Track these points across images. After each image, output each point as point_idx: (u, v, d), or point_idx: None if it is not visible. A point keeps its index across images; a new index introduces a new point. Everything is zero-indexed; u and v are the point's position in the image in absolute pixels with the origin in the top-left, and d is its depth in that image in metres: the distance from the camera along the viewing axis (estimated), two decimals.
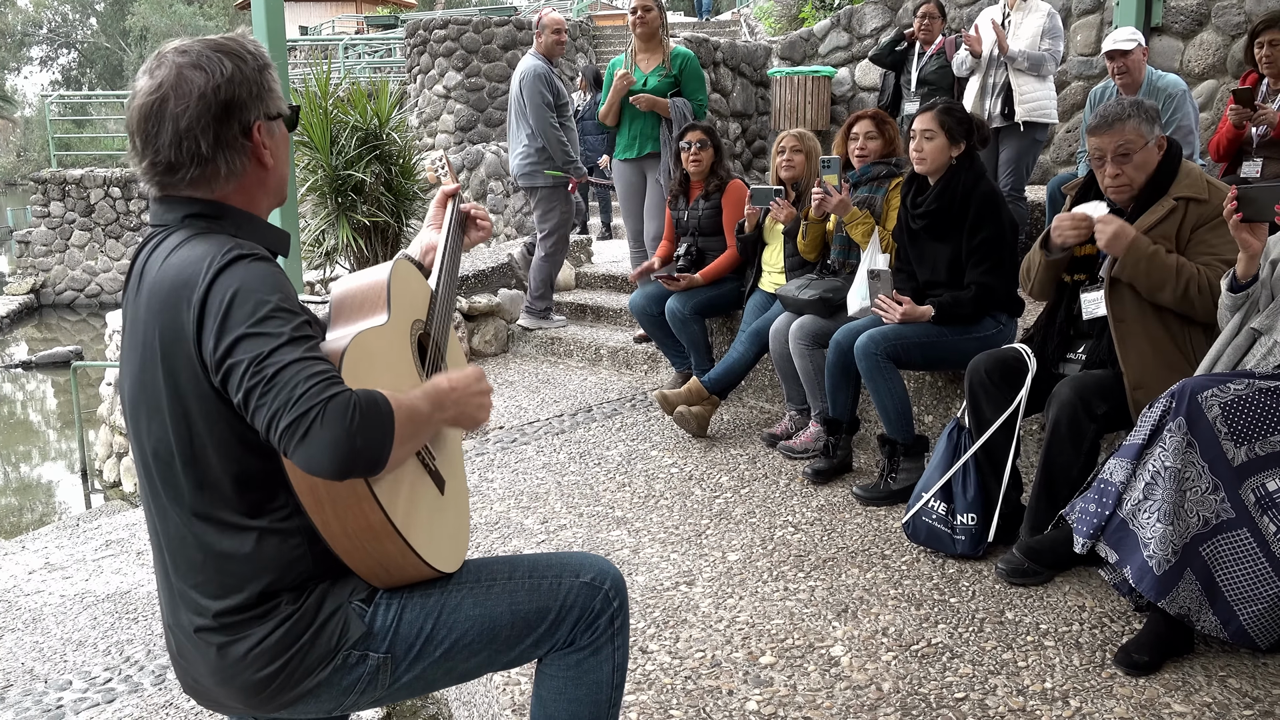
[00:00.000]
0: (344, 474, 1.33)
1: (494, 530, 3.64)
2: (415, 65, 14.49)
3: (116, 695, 2.86)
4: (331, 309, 1.61)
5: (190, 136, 1.46)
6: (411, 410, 1.42)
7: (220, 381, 1.37)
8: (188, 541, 1.48)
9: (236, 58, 1.50)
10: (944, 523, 3.15)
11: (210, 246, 1.43)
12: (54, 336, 14.23)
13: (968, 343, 3.52)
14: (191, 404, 1.43)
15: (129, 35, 34.52)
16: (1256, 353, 2.55)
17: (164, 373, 1.43)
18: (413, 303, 1.71)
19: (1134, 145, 2.91)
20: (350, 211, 6.44)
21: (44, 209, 15.62)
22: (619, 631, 1.71)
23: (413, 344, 1.67)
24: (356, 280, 1.65)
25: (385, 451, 1.35)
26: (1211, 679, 2.43)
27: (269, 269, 1.43)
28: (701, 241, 4.90)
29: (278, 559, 1.47)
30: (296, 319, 1.38)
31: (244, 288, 1.37)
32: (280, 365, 1.32)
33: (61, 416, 10.55)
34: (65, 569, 3.85)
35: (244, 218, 1.53)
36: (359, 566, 1.50)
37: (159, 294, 1.43)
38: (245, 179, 1.53)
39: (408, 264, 1.74)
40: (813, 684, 2.51)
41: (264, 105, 1.52)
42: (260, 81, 1.52)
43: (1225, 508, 2.34)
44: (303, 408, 1.29)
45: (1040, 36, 5.17)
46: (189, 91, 1.45)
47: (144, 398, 1.47)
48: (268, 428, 1.32)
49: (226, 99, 1.47)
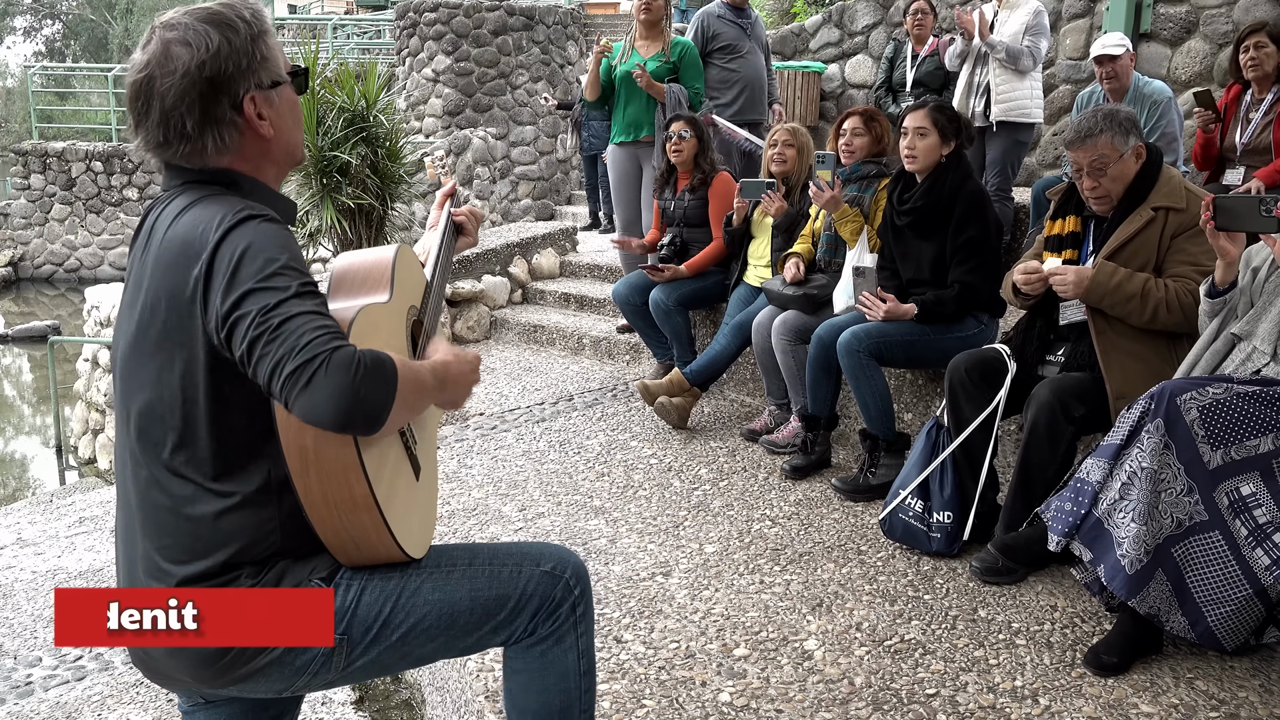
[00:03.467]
0: (344, 425, 1.32)
1: (472, 516, 3.63)
2: (404, 48, 14.39)
3: (87, 673, 2.84)
4: (332, 281, 1.60)
5: (176, 115, 1.45)
6: (417, 377, 1.43)
7: (225, 335, 1.36)
8: (161, 503, 1.47)
9: (227, 28, 1.47)
10: (920, 520, 3.17)
11: (221, 207, 1.43)
12: (31, 311, 14.08)
13: (949, 342, 3.53)
14: (189, 361, 1.42)
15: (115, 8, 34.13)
16: (1235, 358, 2.58)
17: (165, 328, 1.43)
18: (411, 288, 1.72)
19: (1108, 158, 2.93)
20: (335, 193, 6.39)
21: (24, 181, 15.43)
22: (581, 619, 1.71)
23: (407, 329, 1.68)
24: (361, 256, 1.65)
25: (386, 409, 1.35)
26: (1179, 680, 2.45)
27: (279, 229, 1.44)
28: (686, 233, 4.89)
29: (248, 529, 1.46)
30: (304, 276, 1.39)
31: (254, 245, 1.37)
32: (287, 316, 1.32)
33: (37, 392, 10.45)
34: (38, 545, 3.82)
35: (249, 184, 1.53)
36: (330, 538, 1.49)
37: (168, 251, 1.43)
38: (243, 151, 1.51)
39: (410, 250, 1.75)
40: (785, 677, 2.52)
41: (256, 76, 1.50)
42: (252, 51, 1.49)
43: (1199, 510, 2.37)
44: (308, 354, 1.29)
45: (1024, 33, 5.18)
46: (174, 69, 1.44)
47: (139, 353, 1.46)
48: (271, 375, 1.31)
49: (212, 75, 1.45)
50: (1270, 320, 2.53)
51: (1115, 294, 2.88)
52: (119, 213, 15.40)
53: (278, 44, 1.56)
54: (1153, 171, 2.98)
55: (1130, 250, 2.95)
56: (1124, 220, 2.98)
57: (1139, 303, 2.86)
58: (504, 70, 14.03)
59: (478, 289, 6.50)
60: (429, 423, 1.80)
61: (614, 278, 6.33)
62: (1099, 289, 2.89)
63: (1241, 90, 4.42)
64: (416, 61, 14.20)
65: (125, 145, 15.61)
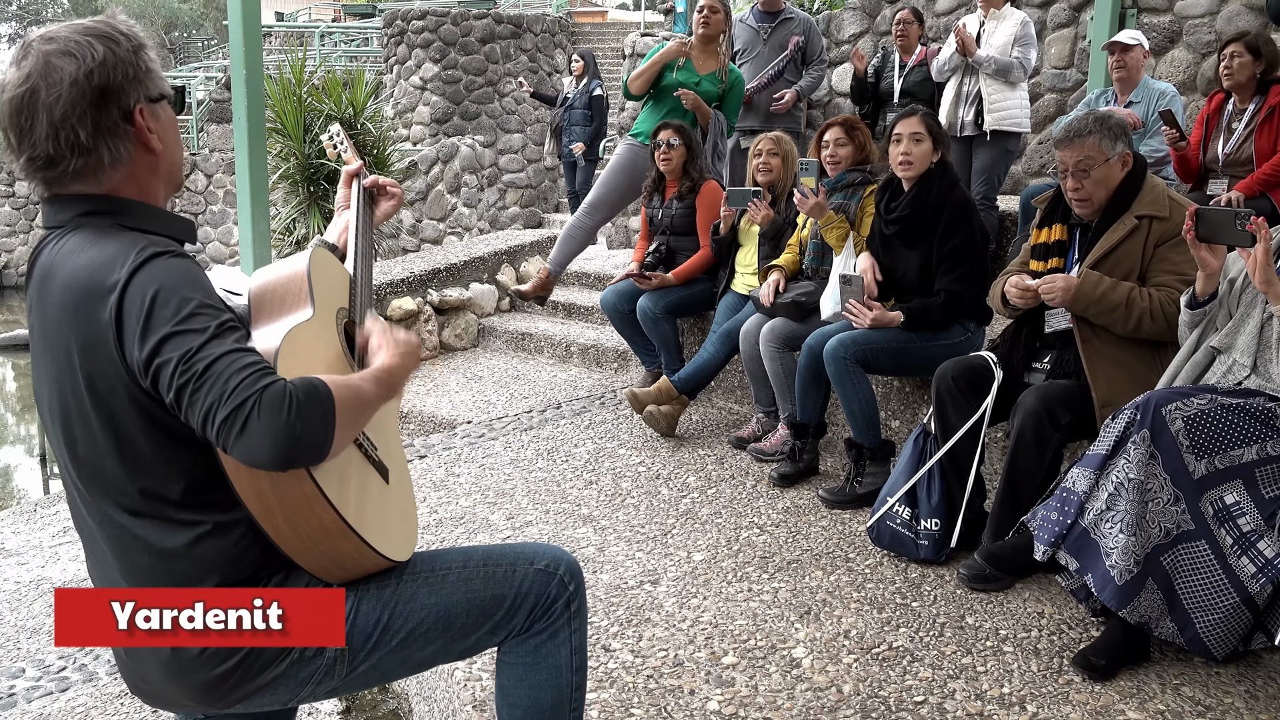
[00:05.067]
0: (286, 464, 1.30)
1: (459, 525, 3.62)
2: (392, 55, 14.40)
3: (70, 684, 2.82)
4: (251, 304, 1.55)
5: (67, 126, 1.38)
6: (357, 395, 1.40)
7: (150, 382, 1.32)
8: (131, 545, 1.44)
9: (108, 40, 1.42)
10: (908, 527, 3.17)
11: (121, 245, 1.37)
12: (15, 319, 13.99)
13: (936, 349, 3.54)
14: (117, 406, 1.37)
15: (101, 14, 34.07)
16: (1216, 370, 2.59)
17: (84, 377, 1.37)
18: (334, 291, 1.68)
19: (1093, 161, 2.95)
20: (322, 200, 6.39)
21: (9, 189, 15.35)
22: (575, 615, 1.71)
23: (340, 334, 1.65)
24: (274, 273, 1.59)
25: (328, 438, 1.33)
26: (1165, 687, 2.46)
27: (186, 265, 1.38)
28: (673, 241, 4.90)
29: (224, 551, 1.44)
30: (221, 315, 1.34)
31: (164, 287, 1.32)
32: (210, 359, 1.28)
33: (21, 400, 10.38)
34: (21, 555, 3.79)
35: (143, 210, 1.46)
36: (313, 566, 1.48)
37: (70, 297, 1.36)
38: (133, 166, 1.45)
39: (324, 251, 1.70)
40: (774, 685, 2.52)
41: (144, 87, 1.44)
42: (136, 63, 1.44)
43: (1185, 519, 2.38)
44: (238, 399, 1.26)
45: (1012, 44, 5.21)
46: (60, 79, 1.37)
47: (66, 405, 1.41)
48: (204, 423, 1.28)
49: (101, 84, 1.39)
50: (1248, 333, 2.55)
51: (1100, 303, 2.90)
52: None
53: (157, 59, 1.51)
54: (1137, 181, 3.00)
55: (1114, 259, 2.97)
56: (1108, 229, 3.00)
57: (1123, 312, 2.88)
58: (492, 78, 14.05)
59: (465, 297, 6.49)
60: (387, 422, 1.77)
61: (602, 285, 6.34)
62: (1084, 298, 2.91)
63: (1224, 100, 4.46)
64: (404, 69, 14.20)
65: None
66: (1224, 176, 4.40)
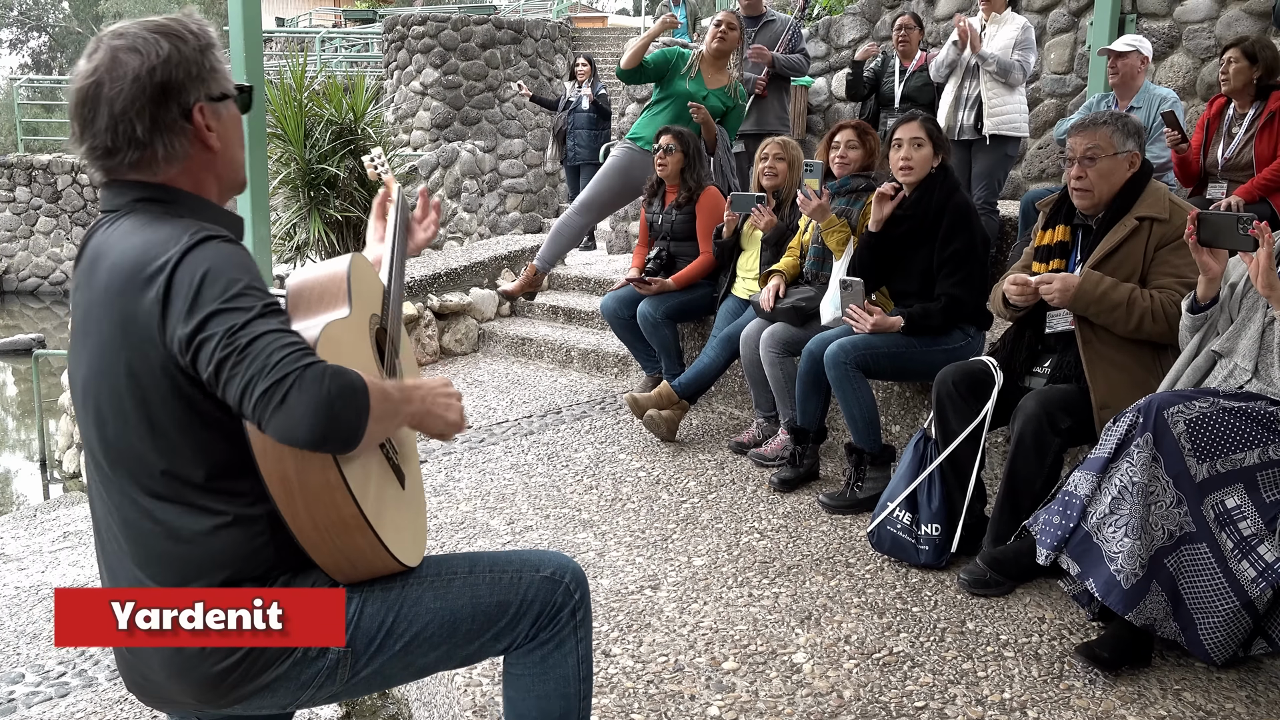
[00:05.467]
0: (320, 442, 1.32)
1: (460, 530, 3.62)
2: (392, 61, 14.41)
3: (70, 689, 2.81)
4: (289, 300, 1.58)
5: (125, 120, 1.43)
6: (384, 392, 1.42)
7: (190, 358, 1.34)
8: (149, 529, 1.45)
9: (175, 38, 1.46)
10: (908, 532, 3.17)
11: (174, 229, 1.40)
12: (16, 324, 14.00)
13: (936, 354, 3.54)
14: (152, 386, 1.40)
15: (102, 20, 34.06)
16: (1217, 374, 2.59)
17: (124, 356, 1.40)
18: (370, 297, 1.71)
19: (1101, 150, 2.96)
20: (323, 206, 6.40)
21: (9, 194, 15.36)
22: (581, 624, 1.71)
23: (371, 339, 1.67)
24: (315, 272, 1.63)
25: (361, 424, 1.35)
26: (1166, 692, 2.46)
27: (237, 250, 1.42)
28: (673, 246, 4.90)
29: (240, 545, 1.45)
30: (267, 297, 1.38)
31: (214, 267, 1.35)
32: (254, 335, 1.31)
33: (21, 405, 10.38)
34: (21, 560, 3.79)
35: (196, 201, 1.50)
36: (325, 560, 1.49)
37: (118, 277, 1.40)
38: (189, 162, 1.49)
39: (363, 259, 1.74)
40: (774, 690, 2.52)
41: (205, 86, 1.49)
42: (201, 62, 1.48)
43: (1188, 521, 2.38)
44: (280, 373, 1.28)
45: (1013, 48, 5.23)
46: (123, 74, 1.43)
47: (101, 383, 1.44)
48: (242, 396, 1.30)
49: (162, 81, 1.44)
50: (1249, 337, 2.55)
51: (1100, 302, 2.89)
52: None
53: (224, 58, 1.55)
54: (1140, 184, 3.01)
55: (1116, 260, 2.97)
56: (1108, 231, 3.00)
57: (1124, 312, 2.87)
58: (492, 83, 14.06)
59: (466, 302, 6.49)
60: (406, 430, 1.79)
61: (602, 290, 6.34)
62: (1084, 297, 2.90)
63: (1224, 104, 4.47)
64: (405, 74, 14.21)
65: None
66: (1223, 181, 4.41)
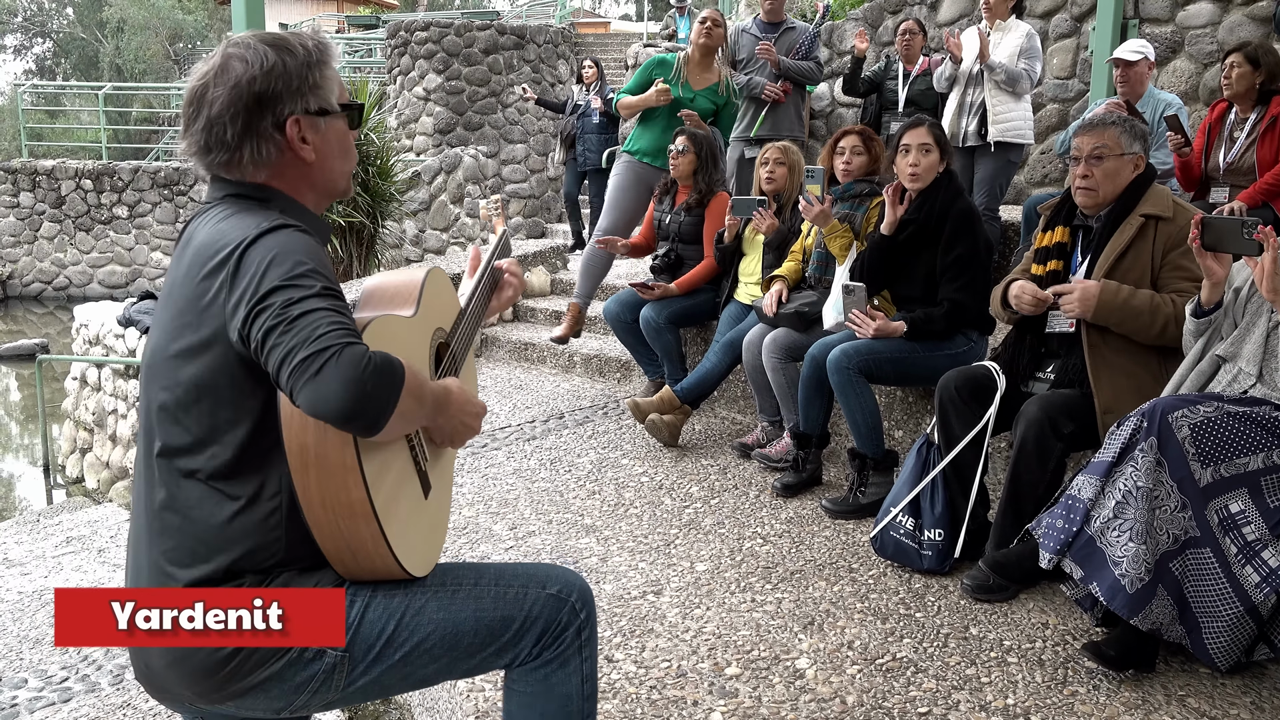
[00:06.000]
0: (349, 418, 1.34)
1: (462, 535, 3.62)
2: (395, 66, 14.43)
3: (73, 694, 2.81)
4: (361, 298, 1.66)
5: (220, 123, 1.51)
6: (419, 387, 1.45)
7: (246, 329, 1.38)
8: (170, 506, 1.48)
9: (285, 51, 1.54)
10: (911, 538, 3.17)
11: (256, 218, 1.48)
12: (19, 329, 14.01)
13: (939, 359, 3.54)
14: (211, 364, 1.45)
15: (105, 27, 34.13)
16: (1222, 379, 2.59)
17: (188, 332, 1.46)
18: (440, 311, 1.75)
19: (1109, 150, 2.96)
20: (326, 211, 6.40)
21: (13, 199, 15.38)
22: (586, 643, 1.69)
23: (430, 348, 1.70)
24: (392, 276, 1.72)
25: (389, 410, 1.37)
26: (1171, 698, 2.45)
27: (310, 240, 1.47)
28: (681, 249, 4.90)
29: (253, 534, 1.47)
30: (330, 282, 1.42)
31: (283, 250, 1.41)
32: (307, 309, 1.35)
33: (25, 410, 10.39)
34: (24, 565, 3.80)
35: (287, 203, 1.57)
36: (327, 544, 1.49)
37: (200, 257, 1.47)
38: (278, 168, 1.56)
39: (443, 272, 1.78)
40: (777, 696, 2.51)
41: (305, 100, 1.55)
42: (305, 76, 1.55)
43: (1192, 525, 2.38)
44: (321, 345, 1.32)
45: (1018, 55, 5.22)
46: (226, 80, 1.51)
47: (164, 356, 1.49)
48: (281, 362, 1.33)
49: (260, 91, 1.51)
50: (1254, 341, 2.55)
51: (1123, 311, 2.87)
52: (108, 231, 15.36)
53: (337, 77, 1.61)
54: (1143, 186, 3.01)
55: (1126, 264, 2.96)
56: (1114, 233, 3.00)
57: (1148, 319, 2.85)
58: (495, 89, 14.08)
59: None
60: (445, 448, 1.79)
61: (604, 295, 6.34)
62: (1106, 307, 2.87)
63: (1227, 109, 4.47)
64: (408, 80, 14.24)
65: (115, 164, 15.60)
66: (1225, 186, 4.41)
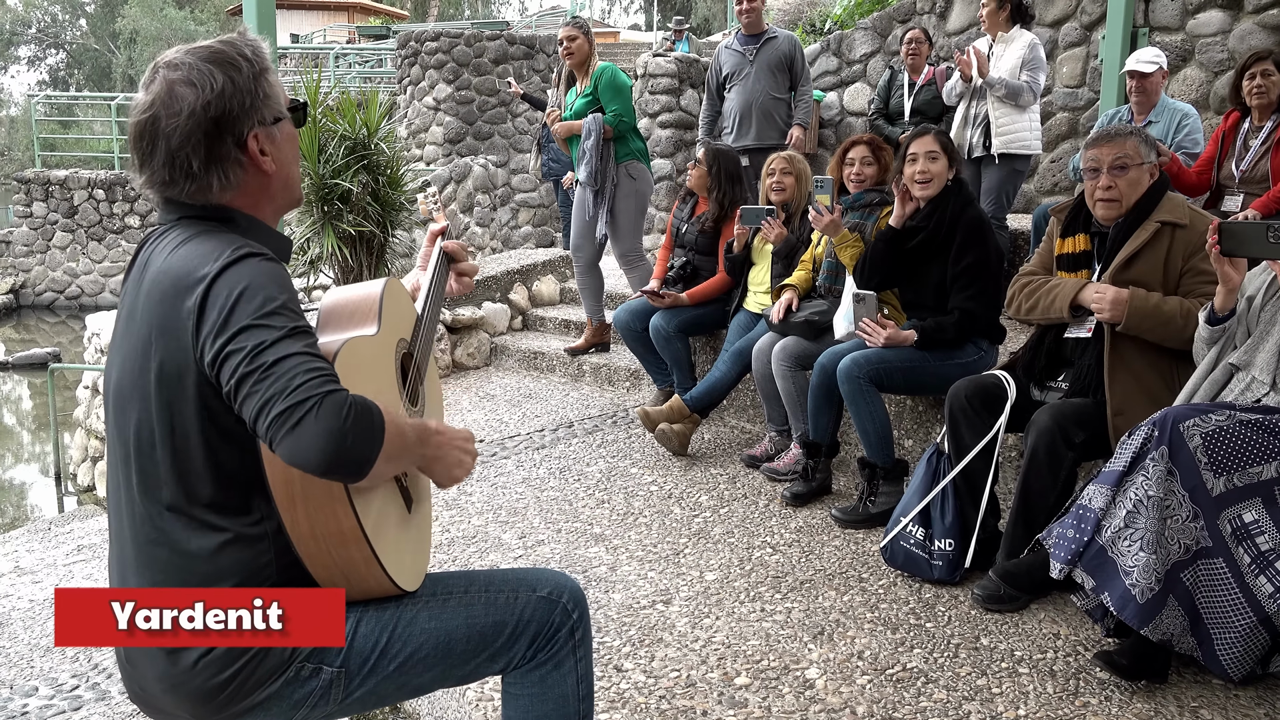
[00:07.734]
0: (329, 469, 1.32)
1: (471, 544, 3.62)
2: (406, 76, 14.51)
3: (83, 703, 2.82)
4: (321, 316, 1.61)
5: (182, 155, 1.46)
6: (400, 430, 1.42)
7: (215, 369, 1.35)
8: (154, 539, 1.46)
9: (230, 67, 1.49)
10: (921, 547, 3.16)
11: (219, 243, 1.43)
12: (32, 338, 14.09)
13: (949, 368, 3.53)
14: (178, 395, 1.42)
15: (119, 38, 34.40)
16: (1234, 388, 2.58)
17: (155, 361, 1.42)
18: (400, 321, 1.72)
19: (1131, 159, 2.96)
20: (336, 220, 6.41)
21: (26, 209, 15.49)
22: (580, 643, 1.70)
23: (396, 361, 1.68)
24: (349, 291, 1.66)
25: (371, 458, 1.35)
26: (1184, 709, 2.43)
27: (276, 268, 1.44)
28: (697, 259, 4.91)
29: (243, 564, 1.46)
30: (300, 320, 1.39)
31: (252, 284, 1.37)
32: (280, 355, 1.32)
33: (37, 418, 10.44)
34: (35, 573, 3.81)
35: (248, 221, 1.54)
36: (320, 572, 1.49)
37: (160, 285, 1.43)
38: (244, 187, 1.53)
39: (399, 283, 1.75)
40: (787, 706, 2.50)
41: (259, 113, 1.52)
42: (255, 90, 1.51)
43: (1204, 535, 2.36)
44: (299, 397, 1.29)
45: (1021, 67, 5.21)
46: (179, 109, 1.45)
47: (131, 385, 1.46)
48: (258, 414, 1.30)
49: (217, 115, 1.47)
50: (1268, 350, 2.53)
51: (1155, 316, 2.85)
52: (120, 240, 15.46)
53: (278, 79, 1.58)
54: (1158, 194, 3.01)
55: (1139, 268, 2.95)
56: (1129, 238, 2.99)
57: (1180, 322, 2.84)
58: (504, 99, 14.13)
59: (478, 316, 6.50)
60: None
61: (614, 304, 6.35)
62: (1138, 313, 2.86)
63: (1240, 117, 4.45)
64: (418, 90, 14.30)
65: (127, 174, 15.68)
66: (1239, 193, 4.39)
